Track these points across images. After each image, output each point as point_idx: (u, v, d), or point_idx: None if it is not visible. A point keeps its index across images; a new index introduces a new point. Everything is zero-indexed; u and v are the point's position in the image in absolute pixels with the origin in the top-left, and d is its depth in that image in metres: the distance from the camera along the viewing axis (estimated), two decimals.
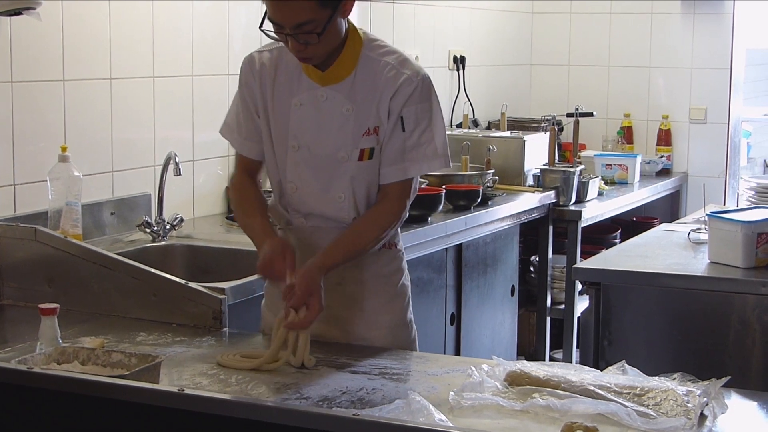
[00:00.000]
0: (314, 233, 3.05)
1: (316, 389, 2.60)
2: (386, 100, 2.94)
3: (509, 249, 5.48)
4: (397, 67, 2.95)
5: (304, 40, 2.79)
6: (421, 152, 2.98)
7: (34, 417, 2.57)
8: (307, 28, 2.76)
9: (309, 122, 2.97)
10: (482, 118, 6.86)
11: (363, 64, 2.95)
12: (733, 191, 7.03)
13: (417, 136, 2.97)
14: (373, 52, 2.97)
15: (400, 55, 2.99)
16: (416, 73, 2.96)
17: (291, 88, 2.99)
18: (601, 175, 6.41)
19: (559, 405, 2.40)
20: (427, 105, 2.98)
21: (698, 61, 7.09)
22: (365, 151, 2.97)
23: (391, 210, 3.01)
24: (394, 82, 2.93)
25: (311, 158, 2.99)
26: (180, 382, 2.65)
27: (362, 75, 2.95)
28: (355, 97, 2.95)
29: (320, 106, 2.96)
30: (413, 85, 2.94)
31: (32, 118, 3.85)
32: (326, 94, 2.95)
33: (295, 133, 2.99)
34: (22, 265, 3.45)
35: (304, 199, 3.03)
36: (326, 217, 3.03)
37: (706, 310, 3.89)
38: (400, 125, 2.96)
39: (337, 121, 2.95)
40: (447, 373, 2.77)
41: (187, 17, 4.50)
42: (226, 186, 4.72)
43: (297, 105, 2.98)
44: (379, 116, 2.95)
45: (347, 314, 3.07)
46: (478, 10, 6.93)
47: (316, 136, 2.97)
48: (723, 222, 4.01)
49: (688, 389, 2.51)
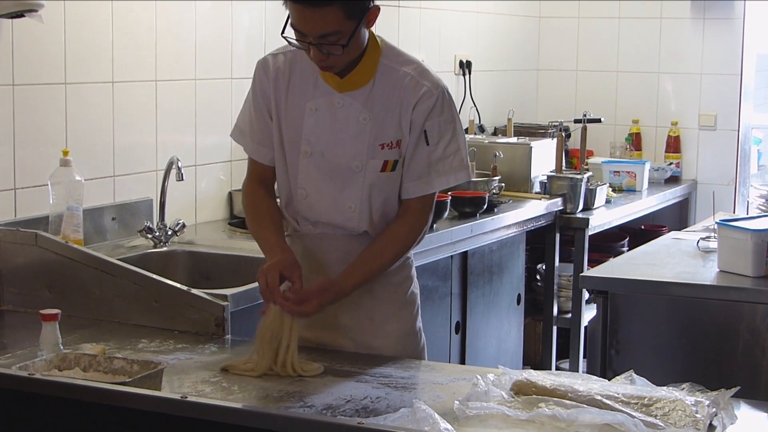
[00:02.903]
0: (323, 240, 3.03)
1: (320, 397, 2.59)
2: (407, 114, 2.92)
3: (515, 257, 5.46)
4: (417, 78, 2.93)
5: (327, 51, 2.78)
6: (448, 164, 2.97)
7: (35, 424, 2.57)
8: (331, 39, 2.75)
9: (323, 128, 2.95)
10: (488, 123, 6.84)
11: (382, 72, 2.93)
12: (743, 199, 7.01)
13: (442, 148, 2.96)
14: (392, 61, 2.95)
15: (418, 65, 2.98)
16: (436, 86, 2.94)
17: (306, 92, 2.96)
18: (609, 183, 6.39)
19: (566, 415, 2.38)
20: (449, 116, 2.96)
21: (708, 66, 7.07)
22: (389, 162, 2.95)
23: (411, 225, 3.00)
24: (414, 93, 2.92)
25: (324, 165, 2.97)
26: (182, 389, 2.65)
27: (381, 84, 2.93)
28: (373, 106, 2.93)
29: (336, 113, 2.94)
30: (434, 98, 2.92)
31: (33, 122, 3.85)
32: (343, 101, 2.93)
33: (308, 138, 2.96)
34: (22, 270, 3.45)
35: (314, 206, 3.00)
36: (335, 225, 3.01)
37: (715, 320, 3.86)
38: (423, 139, 2.94)
39: (353, 129, 2.94)
40: (452, 382, 2.76)
41: (190, 20, 4.49)
42: (229, 191, 4.72)
43: (312, 110, 2.95)
44: (402, 129, 2.93)
45: (355, 323, 3.05)
46: (484, 14, 6.91)
47: (330, 142, 2.95)
48: (733, 230, 3.99)
49: (696, 399, 2.51)
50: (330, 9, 2.70)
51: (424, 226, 3.02)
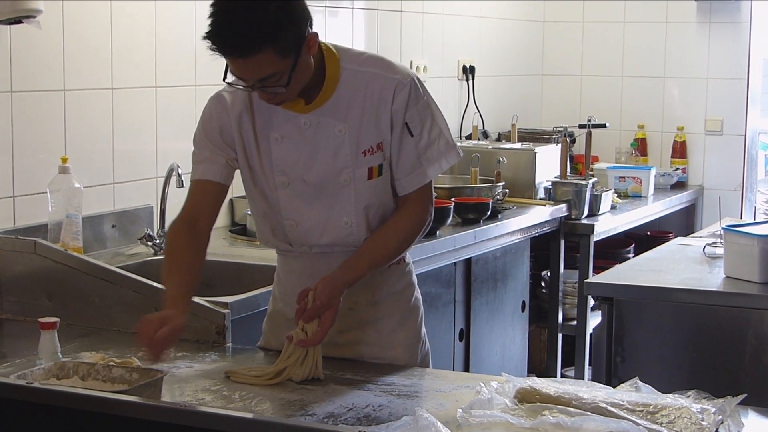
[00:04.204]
0: (321, 259, 2.96)
1: (321, 406, 2.58)
2: (386, 112, 2.87)
3: (520, 263, 5.44)
4: (385, 74, 2.87)
5: (272, 91, 2.73)
6: (436, 149, 2.93)
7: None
8: (271, 81, 2.69)
9: (295, 154, 2.87)
10: (492, 129, 6.84)
11: (345, 78, 2.86)
12: (750, 205, 7.00)
13: (426, 135, 2.92)
14: (353, 64, 2.88)
15: (381, 60, 2.93)
16: (405, 75, 2.89)
17: (269, 122, 2.89)
18: (614, 188, 6.38)
19: (570, 423, 2.36)
20: (424, 102, 2.91)
21: (714, 70, 7.05)
22: (374, 169, 2.90)
23: (412, 215, 2.95)
24: (387, 91, 2.86)
25: (306, 190, 2.90)
26: (182, 398, 2.63)
27: (347, 90, 2.86)
28: (347, 115, 2.86)
29: (305, 135, 2.87)
30: (407, 88, 2.87)
31: (32, 129, 3.84)
32: (309, 121, 2.86)
33: (281, 168, 2.89)
34: (21, 278, 3.45)
35: (308, 233, 2.94)
36: (333, 245, 2.96)
37: (721, 326, 3.85)
38: (407, 132, 2.90)
39: (332, 145, 2.87)
40: (455, 390, 2.74)
41: (190, 25, 4.48)
42: (230, 199, 4.70)
43: (277, 139, 2.88)
44: (381, 130, 2.88)
45: (362, 337, 3.02)
46: (487, 19, 6.91)
47: (307, 165, 2.88)
48: (739, 236, 3.97)
49: (702, 407, 2.49)
50: (261, 55, 2.63)
51: (426, 215, 2.97)
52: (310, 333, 2.75)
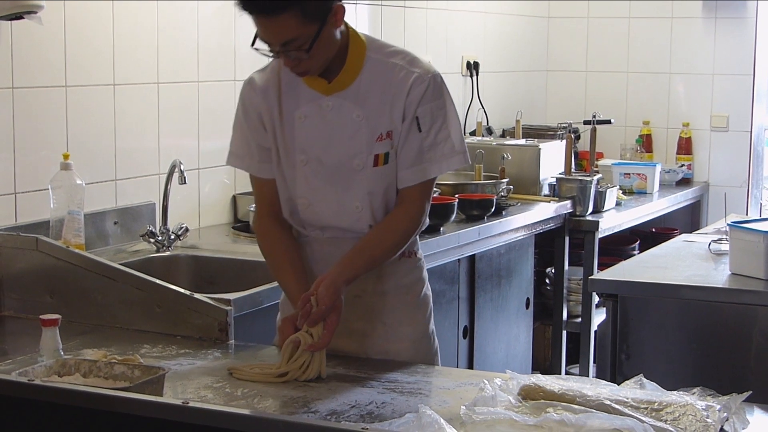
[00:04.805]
0: (332, 244, 3.00)
1: (324, 403, 2.58)
2: (400, 103, 2.89)
3: (524, 260, 5.44)
4: (407, 67, 2.90)
5: (295, 56, 2.76)
6: (439, 151, 2.93)
7: (34, 430, 2.56)
8: (294, 45, 2.73)
9: (316, 134, 2.92)
10: (496, 125, 6.83)
11: (368, 66, 2.91)
12: (756, 201, 7.00)
13: (434, 134, 2.92)
14: (379, 54, 2.92)
15: (407, 54, 2.95)
16: (427, 71, 2.91)
17: (294, 101, 2.94)
18: (619, 185, 6.38)
19: (574, 420, 2.36)
20: (440, 102, 2.93)
21: (720, 66, 7.04)
22: (380, 156, 2.92)
23: (409, 214, 2.96)
24: (405, 82, 2.88)
25: (323, 170, 2.94)
26: (184, 395, 2.63)
27: (368, 78, 2.90)
28: (365, 102, 2.90)
29: (326, 116, 2.91)
30: (425, 84, 2.89)
31: (34, 125, 3.84)
32: (332, 103, 2.91)
33: (302, 146, 2.94)
34: (23, 275, 3.44)
35: (319, 214, 2.98)
36: (343, 229, 2.98)
37: (726, 323, 3.84)
38: (416, 126, 2.90)
39: (349, 129, 2.91)
40: (459, 387, 2.74)
41: (192, 21, 4.48)
42: (233, 195, 4.72)
43: (301, 118, 2.93)
44: (393, 120, 2.90)
45: (368, 328, 3.03)
46: (492, 14, 6.90)
47: (326, 147, 2.92)
48: (745, 232, 3.96)
49: (707, 404, 2.49)
50: (286, 15, 2.68)
51: (422, 214, 2.98)
52: (316, 336, 2.76)
